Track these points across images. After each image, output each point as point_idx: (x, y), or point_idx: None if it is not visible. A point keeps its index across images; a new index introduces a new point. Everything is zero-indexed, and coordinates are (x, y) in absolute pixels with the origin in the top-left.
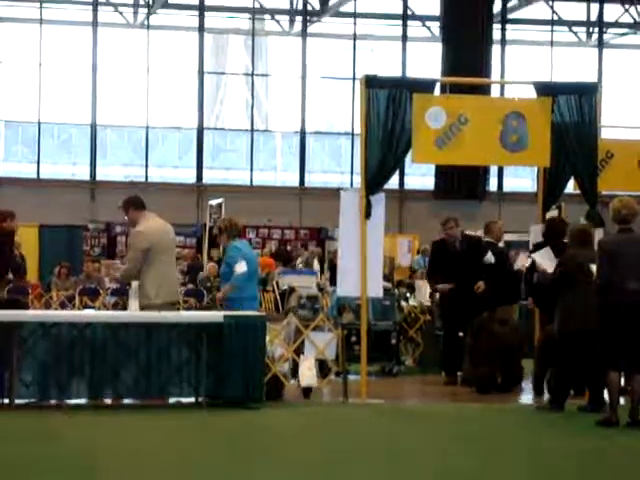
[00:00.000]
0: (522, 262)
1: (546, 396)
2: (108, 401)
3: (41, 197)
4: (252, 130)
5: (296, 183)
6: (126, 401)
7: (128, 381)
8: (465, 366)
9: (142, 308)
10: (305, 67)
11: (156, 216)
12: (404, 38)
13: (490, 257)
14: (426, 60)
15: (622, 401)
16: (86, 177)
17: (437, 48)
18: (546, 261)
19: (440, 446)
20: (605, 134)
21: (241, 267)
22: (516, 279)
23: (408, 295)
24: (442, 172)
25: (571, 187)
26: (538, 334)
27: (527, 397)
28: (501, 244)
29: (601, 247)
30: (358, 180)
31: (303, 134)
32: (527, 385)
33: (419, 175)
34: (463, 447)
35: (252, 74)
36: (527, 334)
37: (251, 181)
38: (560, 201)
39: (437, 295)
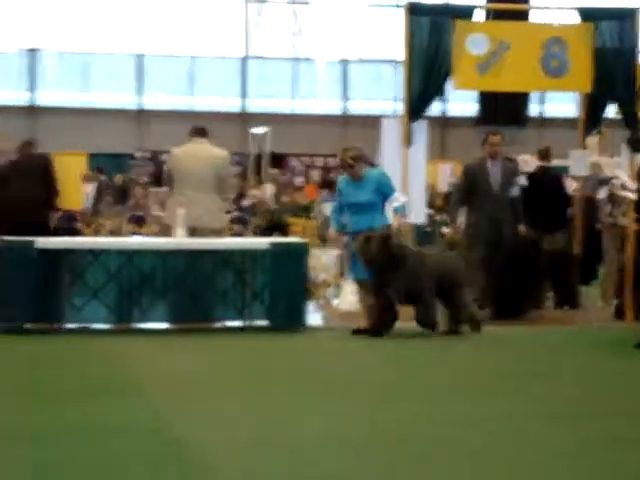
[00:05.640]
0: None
1: None
2: (160, 325)
3: (89, 125)
4: (294, 58)
5: (338, 111)
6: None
7: (176, 306)
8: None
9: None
10: None
11: (200, 143)
12: None
13: (522, 180)
14: None
15: None
16: (132, 106)
17: None
18: None
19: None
20: None
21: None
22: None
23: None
24: (484, 99)
25: (612, 112)
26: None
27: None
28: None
29: None
30: (401, 107)
31: (345, 62)
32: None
33: (461, 102)
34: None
35: (294, 1)
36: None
37: (293, 110)
38: (601, 126)
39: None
